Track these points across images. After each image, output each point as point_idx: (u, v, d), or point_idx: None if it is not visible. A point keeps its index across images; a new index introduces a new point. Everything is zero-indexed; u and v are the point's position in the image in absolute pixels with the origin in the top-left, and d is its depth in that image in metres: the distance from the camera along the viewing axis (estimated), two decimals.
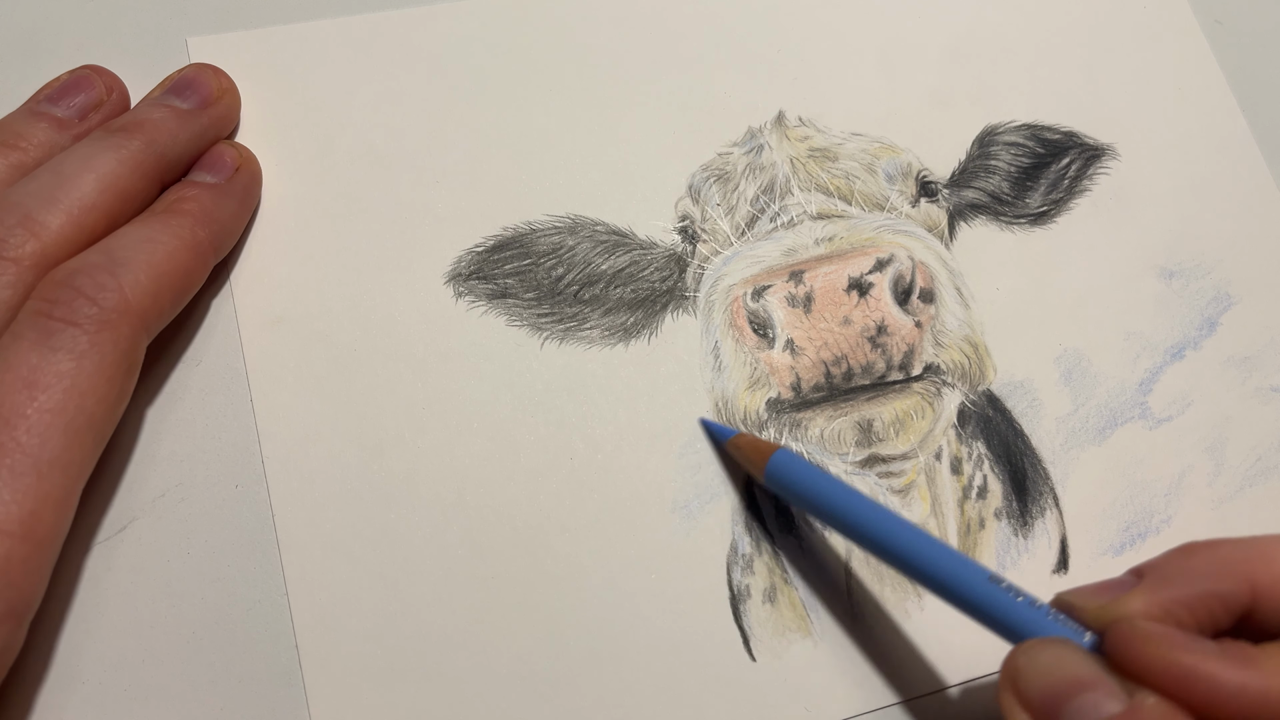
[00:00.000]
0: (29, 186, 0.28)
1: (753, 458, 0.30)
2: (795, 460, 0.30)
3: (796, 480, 0.29)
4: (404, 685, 0.29)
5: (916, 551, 0.27)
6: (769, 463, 0.30)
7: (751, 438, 0.31)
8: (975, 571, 0.26)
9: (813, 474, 0.29)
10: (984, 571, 0.26)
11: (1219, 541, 0.26)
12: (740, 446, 0.31)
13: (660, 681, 0.29)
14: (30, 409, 0.25)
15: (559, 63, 0.36)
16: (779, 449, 0.30)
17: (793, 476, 0.29)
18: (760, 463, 0.30)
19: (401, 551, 0.30)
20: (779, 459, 0.30)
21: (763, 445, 0.30)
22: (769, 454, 0.30)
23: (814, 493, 0.29)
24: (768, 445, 0.30)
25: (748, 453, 0.31)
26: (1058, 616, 0.25)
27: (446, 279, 0.33)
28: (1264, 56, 0.40)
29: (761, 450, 0.30)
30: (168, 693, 0.28)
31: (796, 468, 0.29)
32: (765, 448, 0.30)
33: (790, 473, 0.29)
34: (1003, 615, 0.26)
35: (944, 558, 0.27)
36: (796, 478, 0.29)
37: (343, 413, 0.31)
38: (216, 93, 0.32)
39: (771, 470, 0.29)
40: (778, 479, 0.29)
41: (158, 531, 0.29)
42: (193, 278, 0.29)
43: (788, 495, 0.30)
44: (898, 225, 0.35)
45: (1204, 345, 0.35)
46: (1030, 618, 0.25)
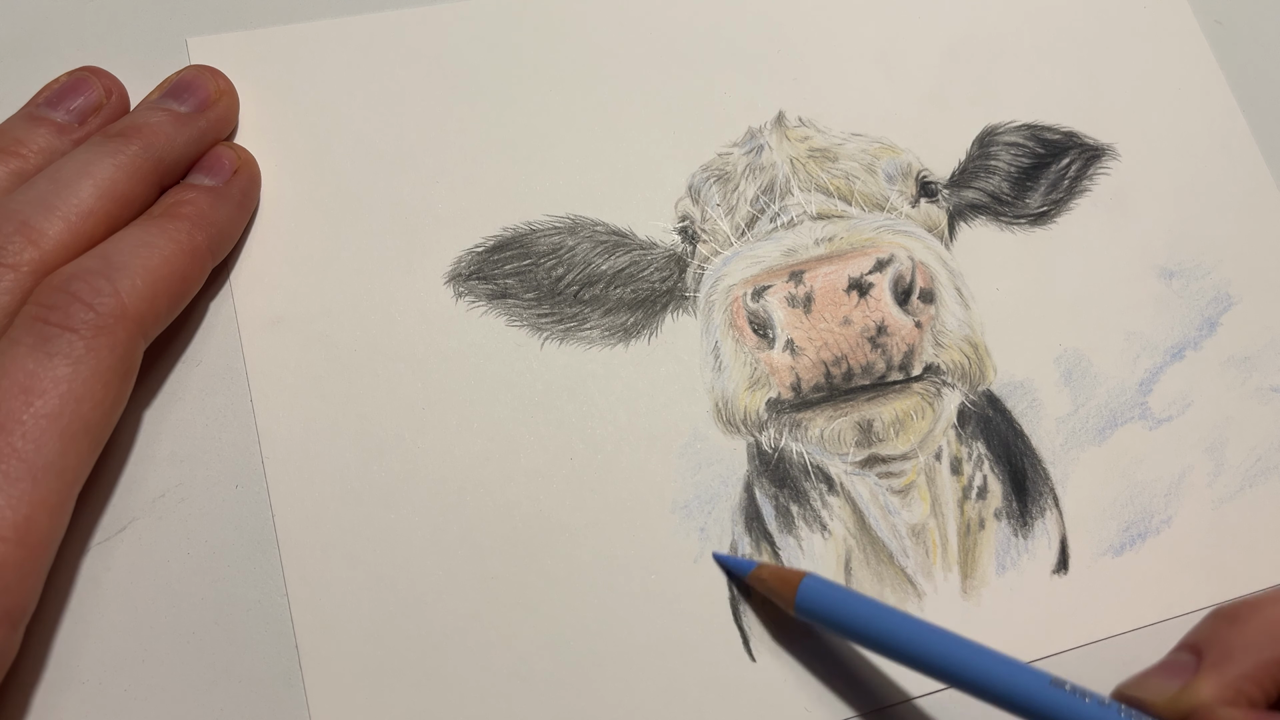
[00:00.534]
0: (27, 194, 0.28)
1: (778, 588, 0.29)
2: (826, 585, 0.28)
3: (831, 606, 0.28)
4: (404, 685, 0.29)
5: (971, 666, 0.26)
6: (798, 592, 0.28)
7: (774, 567, 0.30)
8: (1037, 679, 0.25)
9: (847, 597, 0.28)
10: (1045, 676, 0.25)
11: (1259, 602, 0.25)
12: (763, 578, 0.30)
13: (660, 681, 0.29)
14: (26, 414, 0.25)
15: (559, 63, 0.36)
16: (807, 575, 0.29)
17: (826, 602, 0.28)
18: (788, 593, 0.29)
19: (401, 551, 0.30)
20: (809, 586, 0.28)
21: (788, 574, 0.29)
22: (796, 582, 0.29)
23: (851, 617, 0.28)
24: (794, 574, 0.29)
25: (771, 583, 0.29)
26: (1130, 713, 0.25)
27: (446, 279, 0.33)
28: (1264, 56, 0.40)
29: (787, 580, 0.29)
30: (167, 693, 0.28)
31: (828, 593, 0.28)
32: (791, 576, 0.29)
33: (823, 599, 0.28)
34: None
35: (1001, 669, 0.26)
36: (830, 603, 0.28)
37: (343, 413, 0.31)
38: (214, 95, 0.32)
39: (803, 599, 0.28)
40: (810, 608, 0.28)
41: (157, 532, 0.29)
42: (190, 282, 0.29)
43: (824, 623, 0.29)
44: (898, 225, 0.35)
45: (1204, 345, 0.35)
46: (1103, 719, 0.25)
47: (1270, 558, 0.33)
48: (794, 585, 0.29)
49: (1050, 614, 0.32)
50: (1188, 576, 0.33)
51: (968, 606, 0.31)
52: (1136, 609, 0.32)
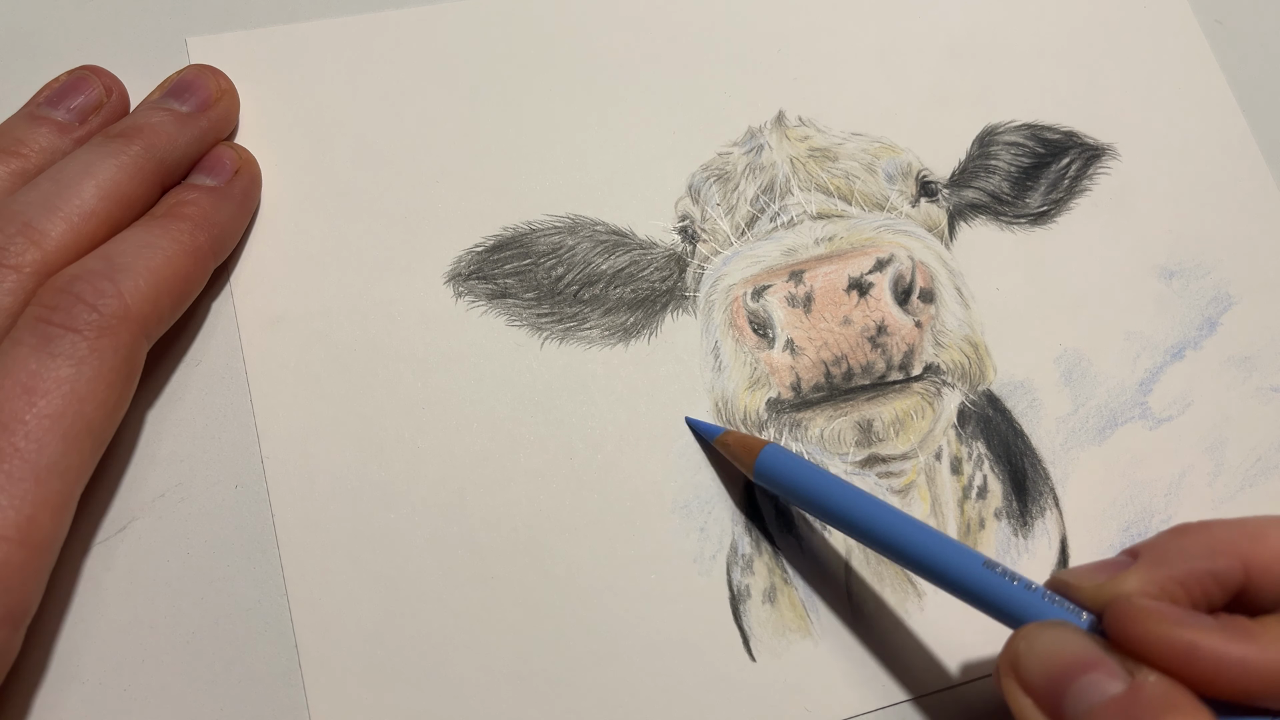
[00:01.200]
0: (29, 195, 0.28)
1: (741, 455, 0.30)
2: (785, 455, 0.29)
3: (787, 474, 0.29)
4: (404, 685, 0.29)
5: (911, 540, 0.27)
6: (758, 458, 0.29)
7: (739, 434, 0.31)
8: (970, 557, 0.26)
9: (803, 467, 0.29)
10: (979, 557, 0.26)
11: (1212, 522, 0.26)
12: (728, 444, 0.31)
13: (660, 681, 0.29)
14: (29, 415, 0.25)
15: (558, 63, 0.36)
16: (768, 444, 0.30)
17: (783, 471, 0.29)
18: (749, 459, 0.30)
19: (401, 551, 0.30)
20: (769, 454, 0.29)
21: (751, 441, 0.30)
22: (758, 450, 0.30)
23: (806, 486, 0.29)
24: (756, 441, 0.30)
25: (736, 450, 0.30)
26: (1054, 598, 0.25)
27: (446, 279, 0.33)
28: (1264, 56, 0.40)
29: (750, 446, 0.30)
30: (168, 693, 0.28)
31: (787, 462, 0.29)
32: (754, 444, 0.30)
33: (781, 467, 0.29)
34: (999, 600, 0.26)
35: (939, 545, 0.27)
36: (787, 472, 0.29)
37: (343, 413, 0.31)
38: (215, 94, 0.32)
39: (761, 466, 0.29)
40: (768, 475, 0.29)
41: (158, 531, 0.29)
42: (192, 282, 0.29)
43: (779, 490, 0.30)
44: (898, 225, 0.35)
45: (1204, 345, 0.35)
46: (1027, 601, 0.25)
47: None
48: (756, 451, 0.30)
49: None
50: None
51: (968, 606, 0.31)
52: None
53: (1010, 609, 0.26)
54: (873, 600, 0.31)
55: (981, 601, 0.26)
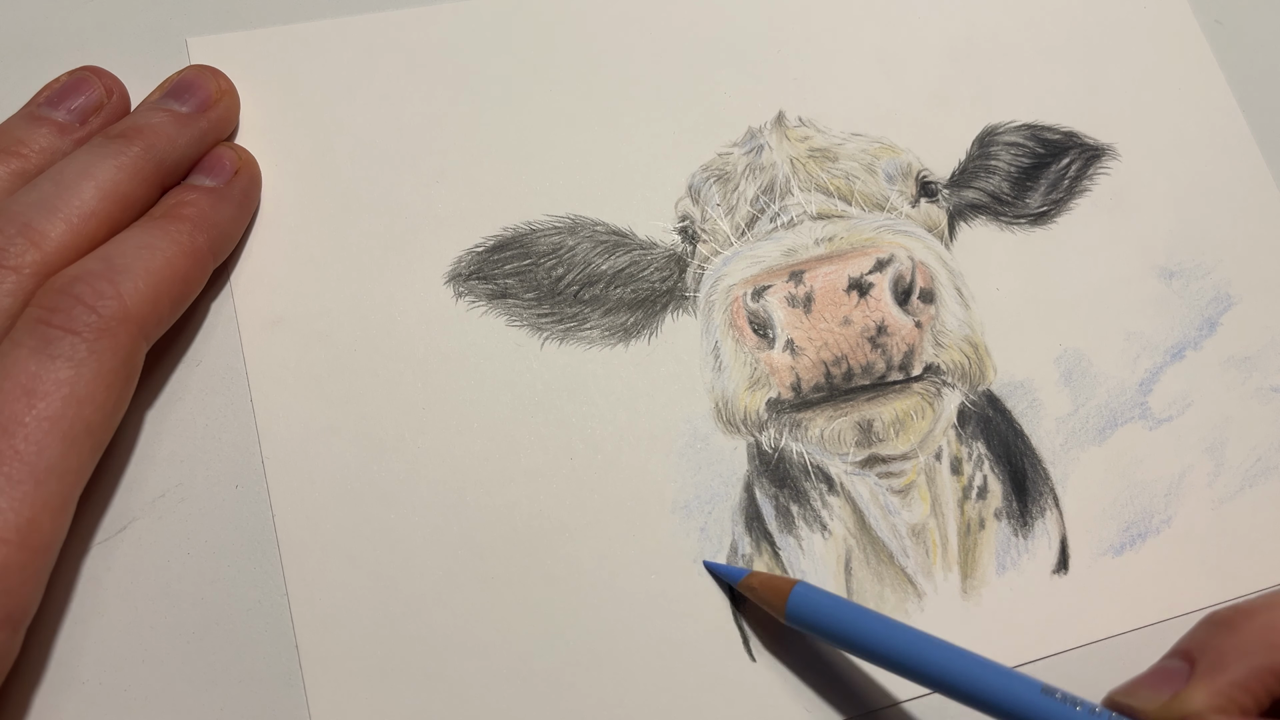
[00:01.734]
0: (29, 196, 0.28)
1: (769, 598, 0.29)
2: (817, 593, 0.28)
3: (821, 614, 0.28)
4: (404, 685, 0.29)
5: (962, 674, 0.26)
6: (789, 601, 0.28)
7: (765, 576, 0.30)
8: (1028, 686, 0.25)
9: (837, 604, 0.28)
10: (1036, 685, 0.25)
11: (1252, 608, 0.25)
12: (754, 588, 0.30)
13: (660, 681, 0.29)
14: (28, 417, 0.25)
15: (558, 63, 0.36)
16: (797, 584, 0.29)
17: (817, 611, 0.28)
18: (779, 603, 0.29)
19: (401, 551, 0.30)
20: (800, 594, 0.28)
21: (779, 583, 0.29)
22: (787, 592, 0.28)
23: (842, 625, 0.28)
24: (785, 582, 0.29)
25: (763, 593, 0.29)
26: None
27: (446, 279, 0.33)
28: (1264, 56, 0.40)
29: (779, 589, 0.29)
30: (168, 693, 0.28)
31: (820, 600, 0.28)
32: (782, 585, 0.29)
33: (813, 606, 0.28)
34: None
35: (992, 676, 0.26)
36: (821, 611, 0.28)
37: (343, 413, 0.31)
38: (215, 95, 0.32)
39: (793, 608, 0.28)
40: (800, 617, 0.28)
41: (158, 532, 0.29)
42: (192, 283, 0.29)
43: (814, 630, 0.28)
44: (898, 225, 0.35)
45: (1204, 345, 0.35)
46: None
47: (1270, 558, 0.33)
48: (784, 594, 0.29)
49: (1050, 614, 0.32)
50: (1188, 576, 0.33)
51: (968, 606, 0.31)
52: (1136, 609, 0.32)
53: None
54: (873, 600, 0.31)
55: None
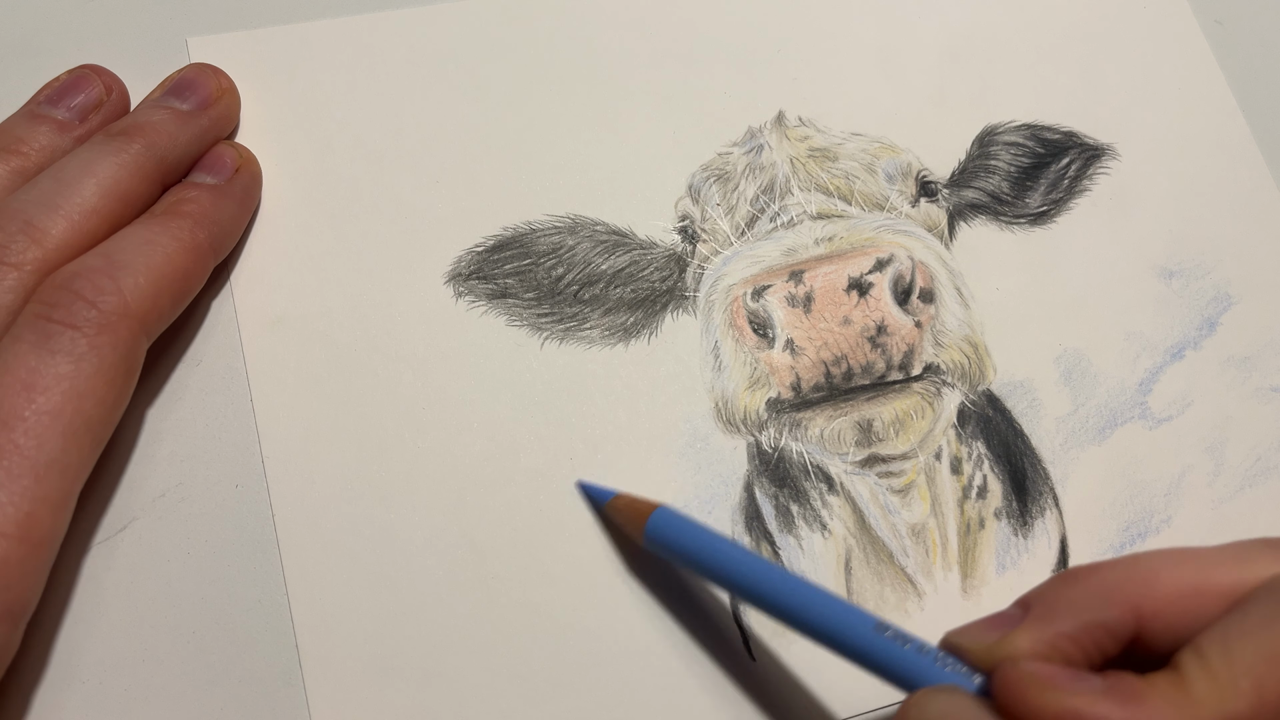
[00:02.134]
0: (30, 193, 0.28)
1: (630, 519, 0.29)
2: (675, 517, 0.28)
3: (677, 539, 0.28)
4: (404, 685, 0.29)
5: (802, 604, 0.26)
6: (648, 523, 0.28)
7: (629, 498, 0.30)
8: (862, 620, 0.25)
9: (694, 531, 0.28)
10: (870, 620, 0.25)
11: (1101, 566, 0.25)
12: (619, 509, 0.30)
13: (660, 681, 0.29)
14: (28, 411, 0.25)
15: (559, 63, 0.36)
16: (659, 508, 0.29)
17: (673, 535, 0.28)
18: (639, 524, 0.29)
19: (401, 551, 0.30)
20: (659, 518, 0.28)
21: (641, 505, 0.29)
22: (648, 514, 0.28)
23: (695, 550, 0.28)
24: (646, 504, 0.29)
25: (626, 514, 0.30)
26: (948, 661, 0.25)
27: (446, 279, 0.33)
28: (1264, 56, 0.40)
29: (640, 511, 0.29)
30: (168, 693, 0.28)
31: (677, 526, 0.28)
32: (643, 507, 0.29)
33: (670, 532, 0.28)
34: (892, 666, 0.25)
35: (831, 608, 0.26)
36: (677, 536, 0.28)
37: (343, 413, 0.31)
38: (216, 93, 0.32)
39: (651, 531, 0.28)
40: (659, 540, 0.28)
41: (158, 531, 0.29)
42: (192, 280, 0.29)
43: (670, 555, 0.29)
44: (898, 225, 0.35)
45: (1204, 345, 0.35)
46: (920, 665, 0.25)
47: None
48: (645, 515, 0.29)
49: None
50: None
51: (968, 606, 0.31)
52: None
53: (903, 675, 0.25)
54: (873, 600, 0.31)
55: (875, 666, 0.25)
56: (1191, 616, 0.23)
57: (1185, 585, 0.24)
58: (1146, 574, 0.24)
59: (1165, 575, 0.24)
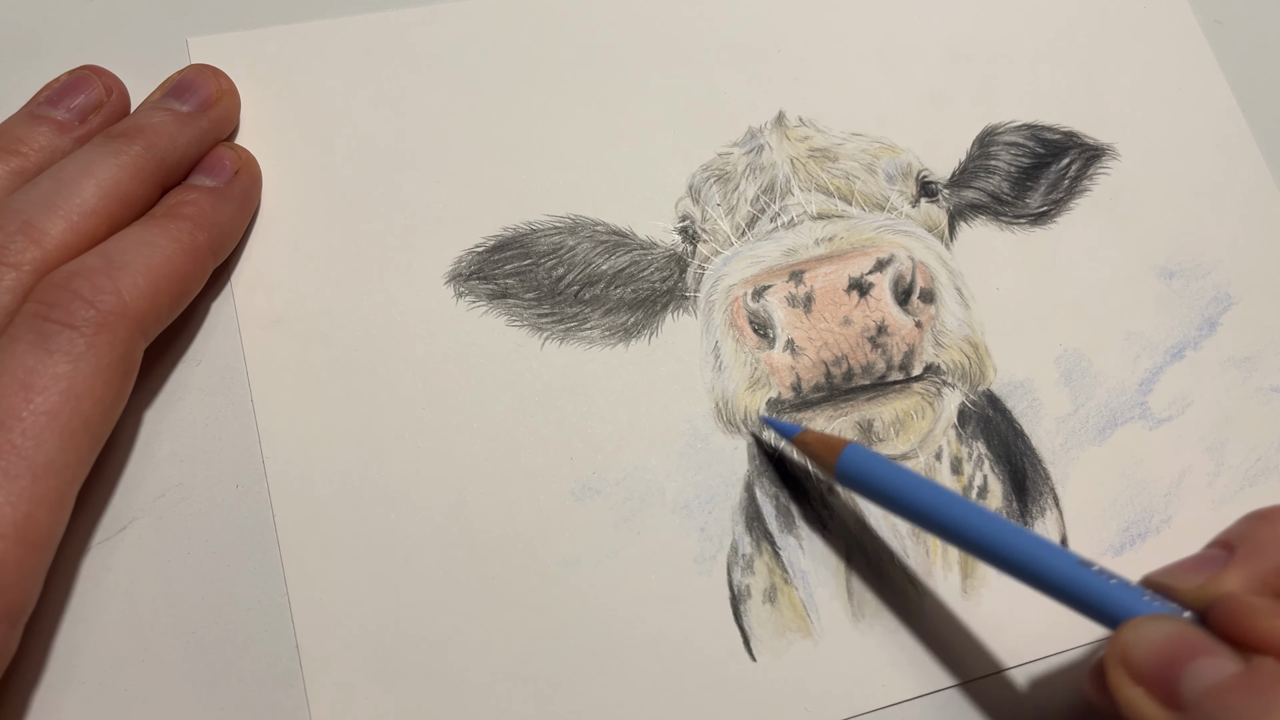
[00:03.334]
0: (30, 194, 0.28)
1: (821, 453, 0.30)
2: (867, 454, 0.29)
3: (871, 474, 0.29)
4: (404, 685, 0.29)
5: (1004, 540, 0.26)
6: (840, 458, 0.29)
7: (817, 434, 0.31)
8: (1065, 557, 0.26)
9: (887, 467, 0.29)
10: (1074, 557, 0.26)
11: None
12: (808, 442, 0.30)
13: (660, 681, 0.29)
14: (26, 411, 0.25)
15: (559, 63, 0.36)
16: (850, 444, 0.29)
17: (866, 470, 0.29)
18: (830, 459, 0.29)
19: (401, 551, 0.30)
20: (851, 453, 0.29)
21: (831, 441, 0.30)
22: (839, 449, 0.29)
23: (890, 485, 0.28)
24: (837, 440, 0.30)
25: (816, 448, 0.30)
26: (1155, 597, 0.25)
27: (447, 279, 0.33)
28: (1264, 56, 0.40)
29: (831, 446, 0.29)
30: (168, 693, 0.28)
31: (869, 461, 0.29)
32: (835, 443, 0.29)
33: (863, 466, 0.29)
34: (1099, 600, 0.25)
35: (1033, 545, 0.26)
36: (870, 471, 0.29)
37: (343, 413, 0.31)
38: (216, 94, 0.32)
39: (844, 465, 0.29)
40: (851, 474, 0.29)
41: (158, 531, 0.29)
42: (191, 281, 0.29)
43: (862, 490, 0.29)
44: (898, 225, 0.35)
45: (1204, 345, 0.35)
46: (1128, 599, 0.25)
47: None
48: (837, 450, 0.29)
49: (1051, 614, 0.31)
50: None
51: (968, 606, 0.31)
52: None
53: (1110, 608, 0.25)
54: (873, 600, 0.31)
55: (1080, 601, 0.25)
56: None
57: None
58: None
59: None
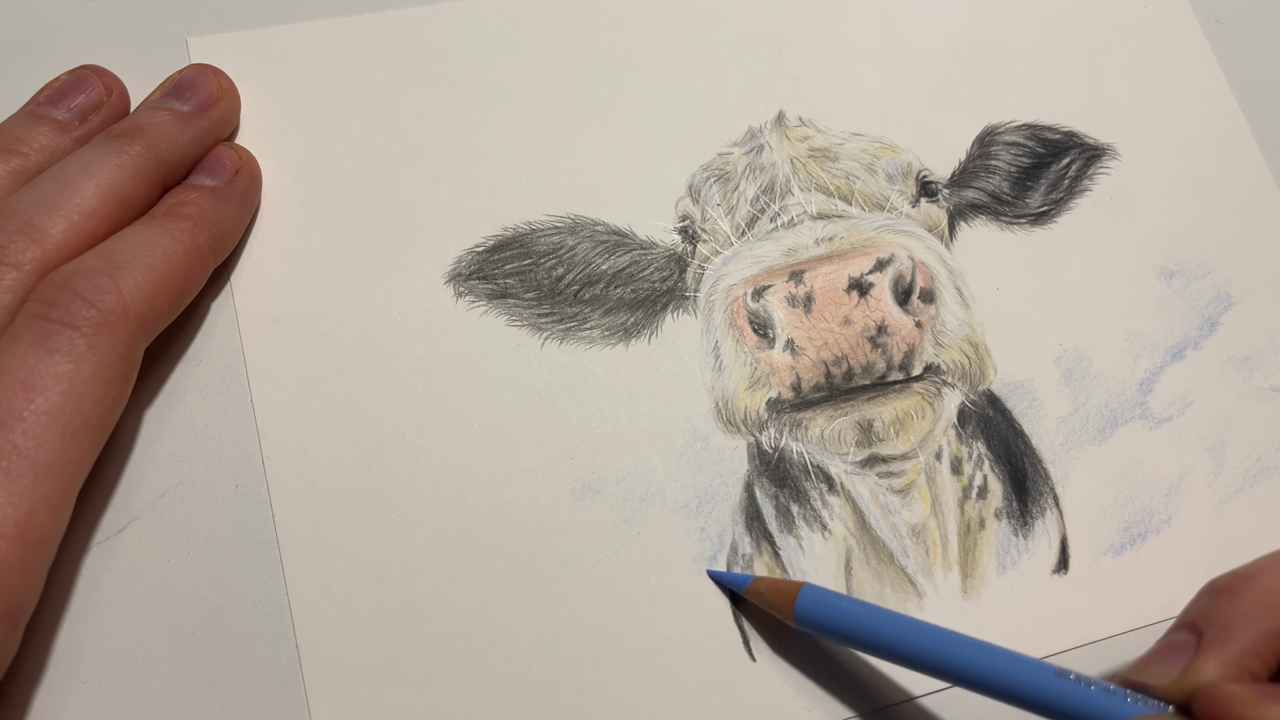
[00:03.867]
0: (30, 194, 0.28)
1: (776, 601, 0.29)
2: (822, 594, 0.28)
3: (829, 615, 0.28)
4: (404, 685, 0.29)
5: (975, 664, 0.26)
6: (796, 603, 0.28)
7: (770, 581, 0.30)
8: (1042, 671, 0.25)
9: (845, 604, 0.28)
10: (1049, 668, 0.25)
11: (1250, 574, 0.26)
12: (760, 593, 0.30)
13: (660, 681, 0.29)
14: (27, 411, 0.25)
15: (559, 63, 0.36)
16: (804, 585, 0.29)
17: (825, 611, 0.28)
18: (786, 606, 0.29)
19: (401, 551, 0.30)
20: (807, 596, 0.28)
21: (785, 586, 0.29)
22: (794, 594, 0.28)
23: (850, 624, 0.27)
24: (790, 585, 0.29)
25: (769, 597, 0.29)
26: (1136, 697, 0.25)
27: (447, 279, 0.33)
28: (1264, 56, 0.40)
29: (785, 592, 0.29)
30: (168, 693, 0.28)
31: (826, 602, 0.28)
32: (788, 588, 0.29)
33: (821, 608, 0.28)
34: (1082, 711, 0.25)
35: (1007, 663, 0.26)
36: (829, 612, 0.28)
37: (343, 413, 0.31)
38: (216, 94, 0.32)
39: (800, 610, 0.28)
40: (808, 618, 0.28)
41: (158, 531, 0.29)
42: (191, 281, 0.29)
43: (823, 631, 0.28)
44: (898, 225, 0.35)
45: (1204, 345, 0.35)
46: (1111, 705, 0.25)
47: None
48: (791, 597, 0.28)
49: (1050, 614, 0.32)
50: (1188, 576, 0.32)
51: (968, 606, 0.31)
52: (1136, 609, 0.32)
53: (1095, 717, 0.25)
54: (873, 600, 0.31)
55: (1063, 714, 0.25)
56: None
57: None
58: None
59: None
